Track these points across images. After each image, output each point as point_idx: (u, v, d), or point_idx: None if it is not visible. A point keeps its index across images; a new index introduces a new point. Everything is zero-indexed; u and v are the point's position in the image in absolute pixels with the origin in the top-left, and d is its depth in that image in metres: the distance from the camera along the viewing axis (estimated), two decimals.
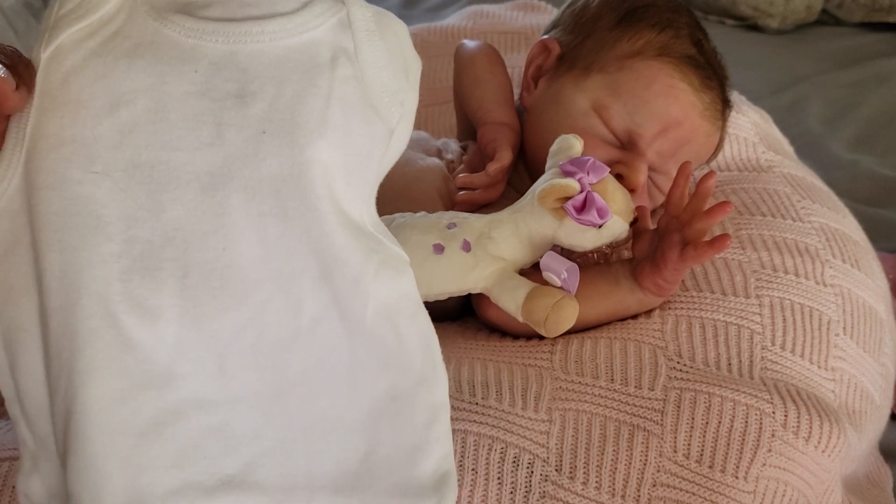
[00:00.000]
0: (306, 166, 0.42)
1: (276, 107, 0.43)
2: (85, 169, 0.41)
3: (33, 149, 0.41)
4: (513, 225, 0.58)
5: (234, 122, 0.42)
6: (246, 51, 0.44)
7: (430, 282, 0.57)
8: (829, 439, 0.56)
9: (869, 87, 1.50)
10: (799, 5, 1.73)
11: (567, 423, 0.53)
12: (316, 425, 0.44)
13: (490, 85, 0.76)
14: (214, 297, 0.41)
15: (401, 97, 0.47)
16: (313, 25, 0.45)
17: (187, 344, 0.41)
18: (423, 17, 1.71)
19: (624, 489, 0.51)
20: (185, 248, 0.41)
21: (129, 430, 0.39)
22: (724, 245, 0.56)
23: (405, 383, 0.45)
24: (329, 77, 0.44)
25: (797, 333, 0.61)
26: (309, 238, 0.42)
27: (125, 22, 0.44)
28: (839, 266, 0.68)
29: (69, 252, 0.39)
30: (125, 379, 0.39)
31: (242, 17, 0.44)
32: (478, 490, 0.50)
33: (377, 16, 0.48)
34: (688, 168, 0.61)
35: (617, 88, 0.69)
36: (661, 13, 0.71)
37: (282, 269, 0.42)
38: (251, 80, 0.43)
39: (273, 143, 0.42)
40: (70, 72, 0.42)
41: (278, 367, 0.43)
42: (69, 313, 0.39)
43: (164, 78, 0.42)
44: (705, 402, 0.54)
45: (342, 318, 0.44)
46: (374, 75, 0.46)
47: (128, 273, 0.40)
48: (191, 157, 0.42)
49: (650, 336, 0.59)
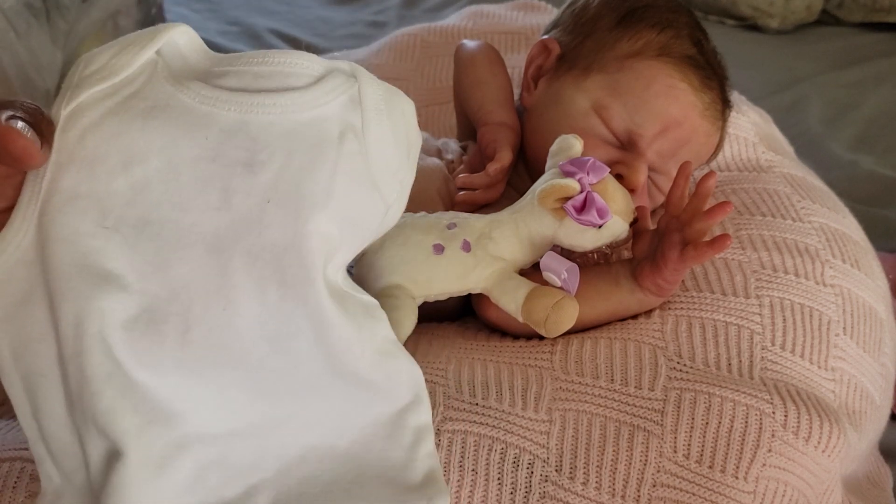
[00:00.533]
0: (307, 237, 0.44)
1: (283, 177, 0.44)
2: (98, 223, 0.42)
3: (48, 202, 0.42)
4: (513, 225, 0.58)
5: (241, 188, 0.44)
6: (257, 121, 0.45)
7: (431, 282, 0.57)
8: (829, 439, 0.56)
9: (869, 87, 1.50)
10: (799, 5, 1.73)
11: (567, 423, 0.53)
12: (309, 455, 0.46)
13: (490, 85, 0.76)
14: (213, 352, 0.43)
15: (400, 175, 0.49)
16: (324, 101, 0.47)
17: (186, 387, 0.43)
18: (423, 17, 1.71)
19: (624, 489, 0.51)
20: (189, 304, 0.42)
21: (147, 463, 0.41)
22: (724, 245, 0.56)
23: (393, 410, 0.48)
24: (336, 152, 0.46)
25: (797, 333, 0.61)
26: (306, 305, 0.44)
27: (144, 84, 0.46)
28: (839, 266, 0.68)
29: (82, 301, 0.41)
30: (139, 416, 0.41)
31: (256, 89, 0.46)
32: (478, 490, 0.50)
33: (387, 94, 0.49)
34: (688, 168, 0.61)
35: (617, 88, 0.69)
36: (661, 13, 0.71)
37: (278, 330, 0.44)
38: (260, 149, 0.45)
39: (278, 212, 0.44)
40: (87, 128, 0.44)
41: (274, 406, 0.45)
42: (82, 360, 0.40)
43: (177, 141, 0.44)
44: (705, 402, 0.54)
45: (336, 374, 0.46)
46: (379, 153, 0.48)
47: (134, 322, 0.41)
48: (199, 218, 0.43)
49: (650, 336, 0.59)
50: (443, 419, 0.52)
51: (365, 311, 0.47)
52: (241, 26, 1.73)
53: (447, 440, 0.52)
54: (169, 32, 0.47)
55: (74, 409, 0.41)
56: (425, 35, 1.09)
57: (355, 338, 0.45)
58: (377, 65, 1.06)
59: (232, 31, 1.70)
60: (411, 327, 0.55)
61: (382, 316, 0.49)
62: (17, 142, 0.40)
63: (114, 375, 0.41)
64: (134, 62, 0.46)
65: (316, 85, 0.47)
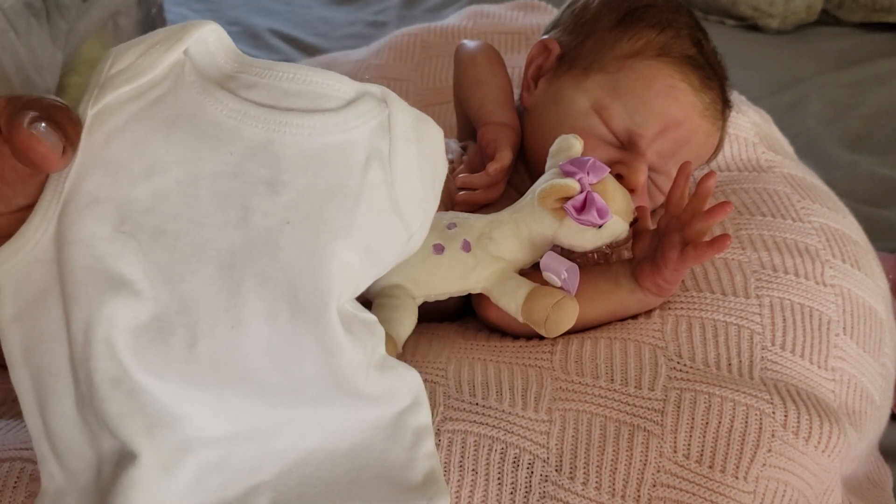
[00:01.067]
0: (324, 263, 0.43)
1: (305, 200, 0.44)
2: (115, 228, 0.42)
3: (69, 203, 0.42)
4: (513, 225, 0.58)
5: (261, 208, 0.43)
6: (283, 140, 0.44)
7: (431, 282, 0.57)
8: (829, 439, 0.56)
9: (869, 87, 1.50)
10: (799, 5, 1.73)
11: (567, 423, 0.53)
12: (310, 458, 0.46)
13: (490, 85, 0.76)
14: (217, 369, 0.42)
15: (425, 205, 0.49)
16: (354, 126, 0.46)
17: (189, 394, 0.42)
18: (423, 17, 1.71)
19: (624, 489, 0.51)
20: (197, 319, 0.42)
21: (157, 465, 0.41)
22: (724, 245, 0.56)
23: (393, 413, 0.48)
24: (360, 179, 0.45)
25: (797, 333, 0.61)
26: (315, 330, 0.43)
27: (170, 89, 0.45)
28: (839, 266, 0.68)
29: (93, 305, 0.41)
30: (145, 418, 0.41)
31: (286, 108, 0.45)
32: (478, 490, 0.50)
33: (417, 121, 0.48)
34: (688, 168, 0.61)
35: (617, 88, 0.69)
36: (661, 13, 0.71)
37: (285, 354, 0.43)
38: (284, 169, 0.44)
39: (296, 233, 0.43)
40: (112, 133, 0.43)
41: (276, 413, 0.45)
42: (90, 365, 0.40)
43: (200, 154, 0.43)
44: (705, 402, 0.54)
45: (341, 392, 0.45)
46: (404, 182, 0.47)
47: (143, 329, 0.41)
48: (215, 234, 0.43)
49: (650, 336, 0.59)
50: (443, 419, 0.52)
51: (367, 329, 0.46)
52: (241, 26, 1.74)
53: (447, 440, 0.52)
54: (198, 31, 0.46)
55: (87, 410, 0.41)
56: (425, 35, 1.09)
57: (361, 360, 0.45)
58: (377, 65, 1.06)
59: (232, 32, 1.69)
60: (411, 327, 0.55)
61: (380, 331, 0.48)
62: (35, 149, 0.40)
63: (121, 381, 0.40)
64: (160, 63, 0.45)
65: (347, 108, 0.46)
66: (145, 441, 0.41)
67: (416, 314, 0.56)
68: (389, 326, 0.53)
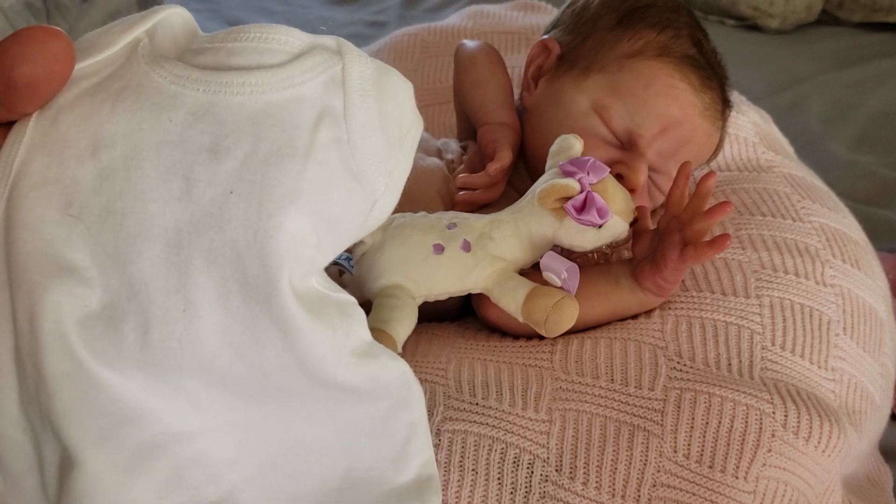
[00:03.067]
0: (271, 234, 0.39)
1: (249, 166, 0.40)
2: (63, 210, 0.39)
3: (17, 186, 0.39)
4: (513, 225, 0.58)
5: (203, 177, 0.40)
6: (225, 102, 0.41)
7: (430, 282, 0.57)
8: (829, 439, 0.56)
9: (869, 87, 1.50)
10: (799, 5, 1.73)
11: (567, 423, 0.53)
12: (295, 449, 0.43)
13: (490, 85, 0.76)
14: (174, 357, 0.39)
15: (389, 166, 0.44)
16: (300, 81, 0.42)
17: (154, 387, 0.40)
18: (423, 17, 1.71)
19: (624, 489, 0.51)
20: (148, 304, 0.39)
21: (114, 467, 0.38)
22: (724, 245, 0.56)
23: (382, 407, 0.44)
24: (309, 139, 0.41)
25: (797, 333, 0.61)
26: (270, 310, 0.39)
27: (122, 65, 0.42)
28: (839, 266, 0.68)
29: (39, 293, 0.37)
30: (103, 417, 0.38)
31: (227, 67, 0.41)
32: (478, 490, 0.50)
33: (378, 73, 0.44)
34: (688, 168, 0.62)
35: (617, 88, 0.69)
36: (661, 13, 0.71)
37: (243, 337, 0.39)
38: (226, 134, 0.40)
39: (240, 205, 0.39)
40: (61, 109, 0.41)
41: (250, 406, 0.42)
42: (38, 358, 0.37)
43: (142, 125, 0.40)
44: (705, 402, 0.54)
45: (313, 381, 0.42)
46: (363, 140, 0.43)
47: (94, 319, 0.38)
48: (160, 209, 0.39)
49: (650, 336, 0.59)
50: (443, 419, 0.52)
51: (339, 311, 0.42)
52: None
53: (447, 440, 0.52)
54: (162, 13, 0.44)
55: (31, 407, 0.38)
56: (425, 35, 1.09)
57: (329, 344, 0.41)
58: None
59: None
60: (411, 327, 0.55)
61: (359, 314, 0.43)
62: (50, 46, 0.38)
63: (72, 376, 0.37)
64: (119, 41, 0.42)
65: (292, 63, 0.42)
66: (91, 445, 0.38)
67: (416, 314, 0.56)
68: (389, 326, 0.53)
